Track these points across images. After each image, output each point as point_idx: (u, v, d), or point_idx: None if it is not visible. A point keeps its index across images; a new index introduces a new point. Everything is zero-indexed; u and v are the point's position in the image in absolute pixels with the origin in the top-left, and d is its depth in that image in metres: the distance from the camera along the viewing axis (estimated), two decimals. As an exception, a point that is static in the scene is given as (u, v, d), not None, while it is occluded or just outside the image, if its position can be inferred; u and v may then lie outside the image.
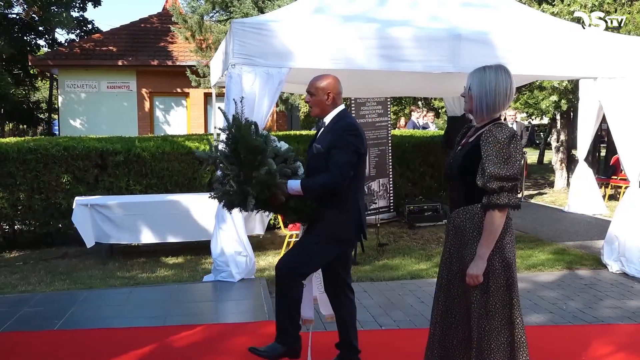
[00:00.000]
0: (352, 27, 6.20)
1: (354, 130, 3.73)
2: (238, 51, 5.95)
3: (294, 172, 3.77)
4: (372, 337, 4.71)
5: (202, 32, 13.81)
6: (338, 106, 3.88)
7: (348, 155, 3.65)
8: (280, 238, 8.79)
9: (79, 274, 6.89)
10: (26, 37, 21.96)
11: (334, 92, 3.85)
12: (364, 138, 3.80)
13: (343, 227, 3.74)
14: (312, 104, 3.88)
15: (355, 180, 3.77)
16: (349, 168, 3.65)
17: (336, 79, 3.96)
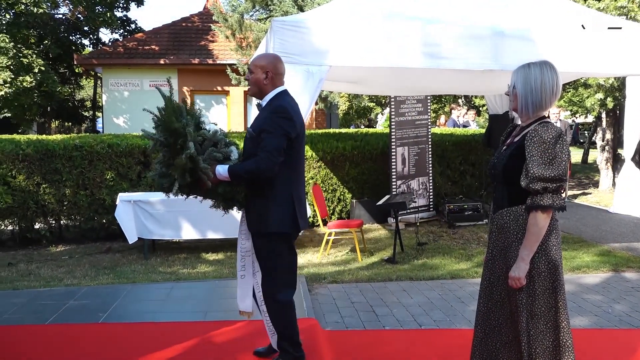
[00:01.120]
0: (392, 24, 6.17)
1: (284, 113, 3.54)
2: (278, 49, 5.98)
3: (226, 157, 3.63)
4: (411, 336, 4.69)
5: (242, 30, 13.91)
6: (277, 87, 3.69)
7: (277, 139, 3.47)
8: (318, 236, 8.81)
9: (122, 268, 7.02)
10: (72, 37, 22.49)
11: (273, 71, 3.66)
12: (297, 121, 3.61)
13: (273, 218, 3.58)
14: (250, 83, 3.73)
15: (287, 168, 3.59)
16: (277, 154, 3.47)
17: (277, 58, 3.80)
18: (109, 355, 4.11)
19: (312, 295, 5.73)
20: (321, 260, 7.42)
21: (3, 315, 5.01)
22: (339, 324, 5.01)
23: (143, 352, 4.16)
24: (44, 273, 6.85)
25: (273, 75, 3.67)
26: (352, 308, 5.44)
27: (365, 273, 6.65)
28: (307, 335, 4.45)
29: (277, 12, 13.09)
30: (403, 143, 9.62)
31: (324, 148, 9.47)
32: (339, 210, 9.64)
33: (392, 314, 5.25)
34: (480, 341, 3.09)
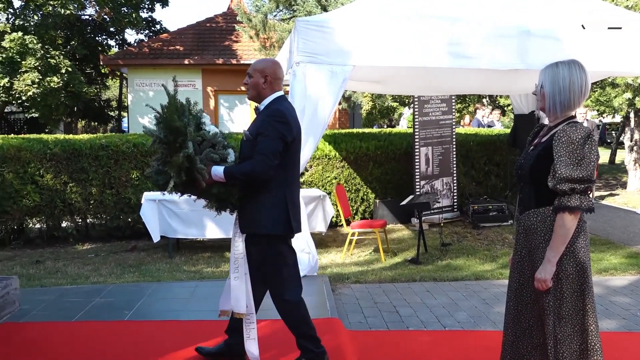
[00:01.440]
0: (417, 24, 6.13)
1: (281, 117, 3.59)
2: (302, 49, 5.98)
3: (223, 159, 3.66)
4: (435, 337, 4.66)
5: (266, 30, 13.95)
6: (276, 92, 3.75)
7: (273, 143, 3.52)
8: (342, 236, 8.80)
9: (147, 267, 7.09)
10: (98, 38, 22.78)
11: (272, 76, 3.73)
12: (293, 125, 3.65)
13: (267, 220, 3.61)
14: (249, 87, 3.77)
15: (283, 171, 3.63)
16: (273, 157, 3.52)
17: (277, 63, 3.85)
18: (134, 352, 4.15)
19: (335, 295, 5.73)
20: (344, 260, 7.42)
21: (31, 312, 5.09)
22: (362, 324, 5.00)
23: (167, 350, 4.19)
24: (71, 271, 6.95)
25: (272, 79, 3.73)
26: (375, 308, 5.42)
27: (388, 273, 6.63)
28: (331, 335, 4.45)
29: (301, 12, 13.11)
30: (427, 143, 9.56)
31: (347, 148, 9.46)
32: (362, 210, 9.62)
33: (415, 314, 5.23)
34: (510, 344, 3.06)
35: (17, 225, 8.57)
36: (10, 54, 16.16)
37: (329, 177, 9.33)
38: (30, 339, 4.48)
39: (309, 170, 9.22)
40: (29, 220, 8.58)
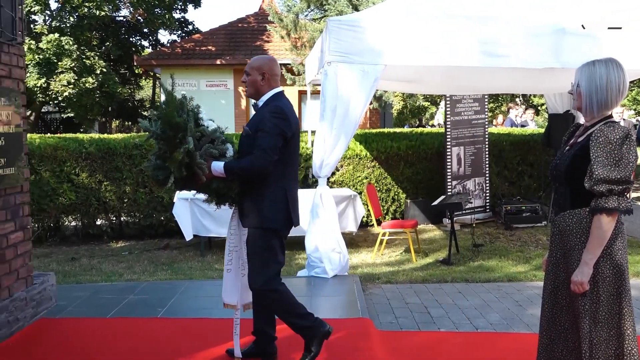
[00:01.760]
0: (449, 23, 6.08)
1: (280, 113, 3.65)
2: (334, 49, 5.98)
3: (222, 154, 3.70)
4: (467, 338, 4.62)
5: (297, 30, 13.99)
6: (274, 88, 3.82)
7: (272, 138, 3.58)
8: (372, 235, 8.78)
9: (179, 265, 7.18)
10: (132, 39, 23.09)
11: (269, 72, 3.79)
12: (292, 121, 3.70)
13: (267, 215, 3.66)
14: (247, 84, 3.83)
15: (282, 166, 3.68)
16: (272, 152, 3.58)
17: (273, 60, 3.90)
18: (166, 349, 4.20)
19: (366, 295, 5.71)
20: (375, 260, 7.40)
21: (67, 308, 5.19)
22: (393, 325, 4.98)
23: (199, 347, 4.23)
24: (105, 268, 7.06)
25: (269, 76, 3.79)
26: (406, 309, 5.40)
27: (419, 274, 6.60)
28: (361, 335, 4.45)
29: (332, 12, 13.11)
30: (459, 143, 9.48)
31: (378, 147, 9.43)
32: (393, 210, 9.58)
33: (447, 315, 5.19)
34: (545, 347, 3.00)
35: (53, 223, 8.75)
36: (47, 55, 16.51)
37: (360, 177, 9.31)
38: (66, 334, 4.56)
39: (339, 170, 9.22)
40: (64, 218, 8.75)
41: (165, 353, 4.05)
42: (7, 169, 4.43)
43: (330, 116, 6.07)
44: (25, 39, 4.82)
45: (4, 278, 4.49)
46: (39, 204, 8.26)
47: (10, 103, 4.51)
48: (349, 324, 4.72)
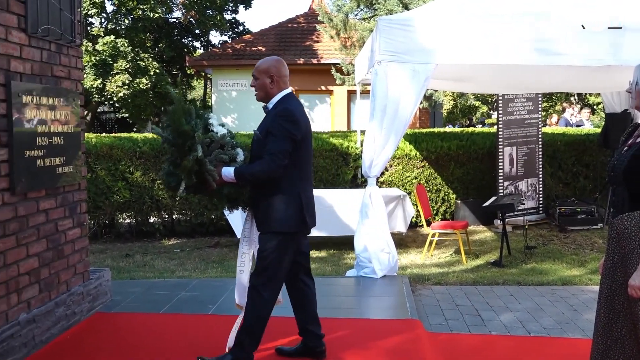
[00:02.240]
0: (501, 20, 5.97)
1: (289, 116, 3.60)
2: (384, 48, 5.95)
3: (232, 159, 3.68)
4: (519, 342, 4.53)
5: (346, 30, 13.96)
6: (283, 90, 3.75)
7: (281, 142, 3.54)
8: (422, 236, 8.70)
9: (229, 262, 7.27)
10: (184, 40, 23.49)
11: (277, 74, 3.73)
12: (302, 123, 3.63)
13: (281, 218, 3.61)
14: (257, 88, 3.78)
15: (295, 169, 3.63)
16: (282, 156, 3.53)
17: (280, 61, 3.82)
18: (217, 345, 4.25)
19: (415, 296, 5.67)
20: (424, 261, 7.33)
21: (121, 303, 5.32)
22: (442, 327, 4.93)
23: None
24: (158, 265, 7.22)
25: (278, 78, 3.74)
26: (456, 311, 5.33)
27: (470, 275, 6.50)
28: (410, 336, 4.42)
29: (382, 11, 13.04)
30: (511, 143, 9.30)
31: (428, 147, 9.34)
32: (443, 210, 9.47)
33: (498, 318, 5.10)
34: (601, 353, 2.92)
35: (108, 220, 8.99)
36: (103, 57, 16.96)
37: (409, 177, 9.24)
38: (121, 328, 4.68)
39: (389, 170, 9.17)
40: (119, 215, 8.98)
41: (216, 349, 4.10)
42: (65, 167, 4.57)
43: (380, 116, 6.04)
44: (83, 41, 4.96)
45: (63, 273, 4.64)
46: (94, 201, 8.49)
47: (69, 103, 4.65)
48: (398, 325, 4.69)
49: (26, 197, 4.13)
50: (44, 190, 4.35)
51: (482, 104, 26.76)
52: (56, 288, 4.53)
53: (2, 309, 3.87)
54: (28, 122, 4.09)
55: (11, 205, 3.96)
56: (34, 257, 4.23)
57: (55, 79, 4.52)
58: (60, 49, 4.60)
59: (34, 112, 4.16)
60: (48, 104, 4.33)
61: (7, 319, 3.91)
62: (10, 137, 3.90)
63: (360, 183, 8.97)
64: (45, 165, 4.31)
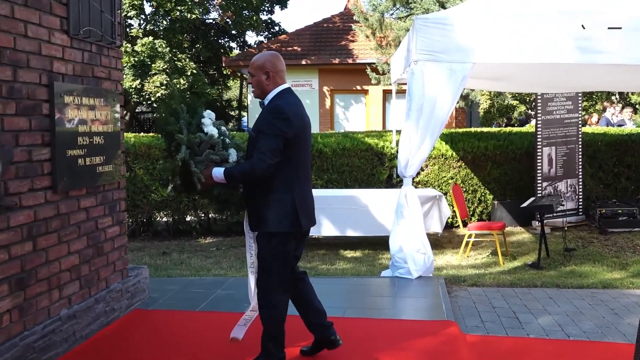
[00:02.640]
0: (542, 18, 5.87)
1: (279, 113, 3.50)
2: (421, 47, 5.91)
3: (224, 159, 3.62)
4: (558, 346, 4.44)
5: (382, 29, 13.92)
6: (279, 85, 3.65)
7: (271, 140, 3.45)
8: (458, 237, 8.61)
9: (264, 262, 7.30)
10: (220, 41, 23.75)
11: (273, 70, 3.63)
12: (295, 120, 3.52)
13: (273, 218, 3.54)
14: (253, 85, 3.70)
15: (290, 168, 3.55)
16: (271, 155, 3.44)
17: (276, 55, 3.72)
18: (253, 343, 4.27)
19: (451, 298, 5.61)
20: (460, 262, 7.25)
21: (159, 301, 5.40)
22: (479, 329, 4.87)
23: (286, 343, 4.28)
24: (194, 263, 7.30)
25: (274, 74, 3.65)
26: (493, 313, 5.26)
27: (507, 277, 6.41)
28: (446, 338, 4.38)
29: (418, 10, 12.96)
30: (550, 143, 9.14)
31: (465, 147, 9.24)
32: (480, 211, 9.36)
33: (536, 321, 5.01)
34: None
35: (146, 218, 9.13)
36: (141, 58, 17.24)
37: (445, 177, 9.16)
38: (159, 325, 4.75)
39: (424, 170, 9.10)
40: (156, 214, 9.11)
41: (251, 348, 4.12)
42: (105, 166, 4.66)
43: (416, 115, 6.00)
44: (122, 42, 5.05)
45: (102, 270, 4.72)
46: (133, 200, 8.63)
47: (108, 103, 4.74)
48: (434, 326, 4.65)
49: (68, 195, 4.22)
50: (85, 188, 4.44)
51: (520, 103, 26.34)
52: (96, 285, 4.62)
53: (44, 305, 3.96)
54: (69, 122, 4.18)
55: (53, 203, 4.05)
56: (75, 254, 4.33)
57: (96, 79, 4.61)
58: (101, 50, 4.69)
59: (75, 112, 4.24)
60: (89, 104, 4.42)
61: (49, 314, 4.01)
62: (53, 136, 3.99)
63: (395, 183, 8.93)
64: (86, 164, 4.40)
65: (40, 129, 3.90)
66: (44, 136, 3.94)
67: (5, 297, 3.56)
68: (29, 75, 3.78)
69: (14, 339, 3.62)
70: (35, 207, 3.85)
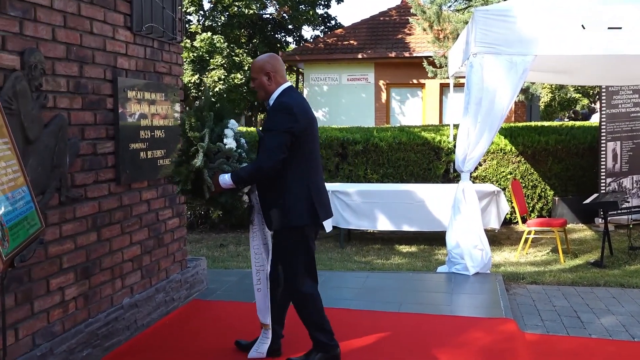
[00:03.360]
0: (608, 7, 5.67)
1: (285, 109, 3.53)
2: (480, 40, 5.80)
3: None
4: (622, 347, 4.30)
5: (440, 22, 13.71)
6: (281, 85, 3.64)
7: (278, 137, 3.47)
8: (516, 234, 8.44)
9: (319, 255, 7.33)
10: (277, 35, 23.90)
11: (273, 70, 3.64)
12: (301, 115, 3.52)
13: (292, 213, 3.55)
14: (256, 88, 3.70)
15: (302, 162, 3.57)
16: (278, 151, 3.46)
17: (273, 56, 3.72)
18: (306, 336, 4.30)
19: (509, 295, 5.51)
20: (519, 259, 7.10)
21: (217, 292, 5.50)
22: (539, 328, 4.76)
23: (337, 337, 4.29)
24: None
25: (274, 74, 3.65)
26: (553, 312, 5.13)
27: (568, 276, 6.23)
28: (504, 336, 4.30)
29: (477, 2, 12.72)
30: (615, 137, 8.82)
31: (524, 142, 9.02)
32: (539, 207, 9.13)
33: (599, 321, 4.86)
34: None
35: (204, 211, 9.29)
36: (200, 53, 17.55)
37: (504, 172, 8.97)
38: (217, 315, 4.84)
39: (482, 165, 8.94)
40: (215, 207, 9.25)
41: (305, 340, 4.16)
42: (166, 159, 4.76)
43: (474, 109, 5.90)
44: (183, 38, 5.16)
45: (162, 260, 4.85)
46: (192, 192, 8.78)
47: (169, 98, 4.85)
48: (492, 323, 4.58)
49: (130, 187, 4.34)
50: (146, 181, 4.56)
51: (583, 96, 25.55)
52: (156, 275, 4.75)
53: (108, 293, 4.09)
54: (132, 116, 4.30)
55: (116, 195, 4.18)
56: (137, 245, 4.45)
57: (157, 74, 4.72)
58: (162, 46, 4.79)
59: (138, 106, 4.36)
60: (150, 98, 4.53)
61: (112, 302, 4.14)
62: (117, 130, 4.11)
63: (452, 178, 8.81)
64: (148, 157, 4.51)
65: (105, 123, 4.03)
66: (108, 130, 4.07)
67: (71, 285, 3.70)
68: (94, 71, 3.90)
69: (79, 326, 3.76)
70: (100, 199, 3.98)
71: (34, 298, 3.37)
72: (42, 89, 3.38)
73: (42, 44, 3.40)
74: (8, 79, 3.10)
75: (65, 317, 3.63)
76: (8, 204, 2.59)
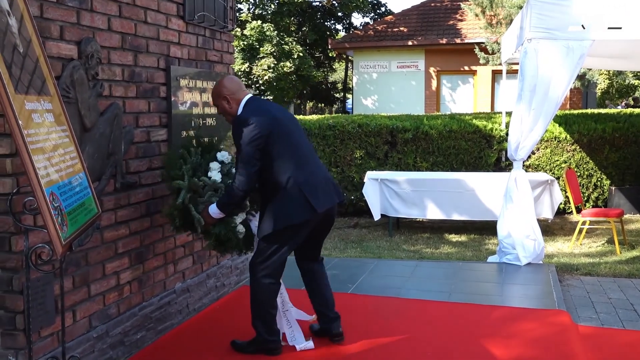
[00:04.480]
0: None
1: (242, 123, 3.53)
2: (535, 25, 5.65)
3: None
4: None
5: (492, 7, 13.41)
6: (240, 101, 3.68)
7: (243, 151, 3.51)
8: (570, 224, 8.24)
9: (368, 243, 7.33)
10: (327, 23, 23.88)
11: (228, 92, 3.67)
12: (259, 121, 3.50)
13: (285, 213, 3.53)
14: (222, 114, 3.79)
15: (282, 162, 3.54)
16: (248, 165, 3.50)
17: (224, 79, 3.75)
18: (357, 323, 4.32)
19: (562, 286, 5.39)
20: (573, 249, 6.93)
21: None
22: (593, 320, 4.65)
23: (384, 326, 4.29)
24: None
25: (230, 95, 3.68)
26: (609, 304, 5.00)
27: (624, 267, 6.05)
28: (557, 328, 4.21)
29: (532, -14, 12.36)
30: (677, 125, 8.49)
31: (580, 130, 8.78)
32: (595, 197, 8.88)
33: (657, 315, 4.71)
34: None
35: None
36: (250, 41, 17.70)
37: (558, 161, 8.75)
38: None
39: (535, 153, 8.74)
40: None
41: (356, 327, 4.17)
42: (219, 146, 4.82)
43: (528, 96, 5.76)
44: (234, 26, 5.20)
45: (213, 246, 4.92)
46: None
47: (220, 86, 4.89)
48: (544, 315, 4.49)
49: (182, 174, 4.41)
50: (198, 168, 4.63)
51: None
52: (207, 261, 4.83)
53: (161, 278, 4.19)
54: (184, 105, 4.37)
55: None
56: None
57: (209, 63, 4.77)
58: (214, 35, 4.84)
59: (190, 94, 4.43)
60: (202, 87, 4.60)
61: (165, 287, 4.24)
62: (169, 118, 4.19)
63: (504, 167, 8.65)
64: (199, 144, 4.57)
65: (158, 111, 4.10)
66: (162, 118, 4.14)
67: (126, 269, 3.80)
68: (148, 60, 3.97)
69: (134, 309, 3.86)
70: (153, 186, 4.07)
71: (91, 281, 3.47)
72: (98, 78, 3.46)
73: (98, 34, 3.48)
74: (66, 68, 3.19)
75: (120, 301, 3.74)
76: (67, 189, 2.67)
